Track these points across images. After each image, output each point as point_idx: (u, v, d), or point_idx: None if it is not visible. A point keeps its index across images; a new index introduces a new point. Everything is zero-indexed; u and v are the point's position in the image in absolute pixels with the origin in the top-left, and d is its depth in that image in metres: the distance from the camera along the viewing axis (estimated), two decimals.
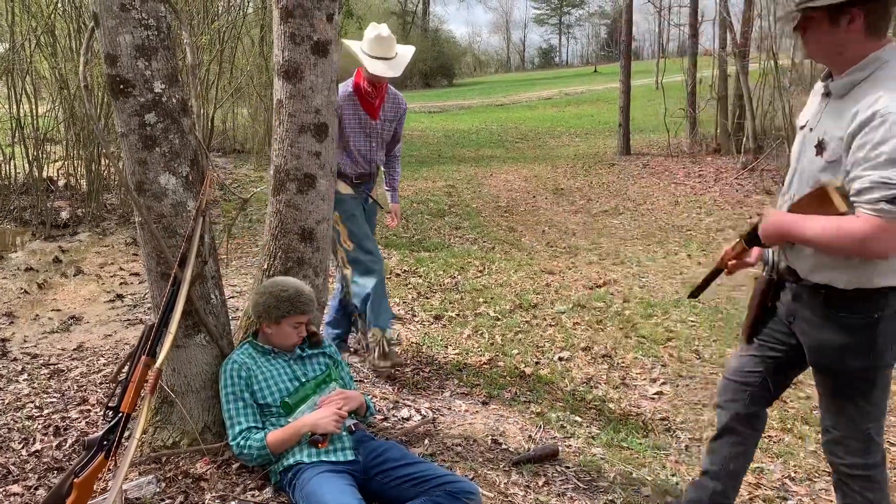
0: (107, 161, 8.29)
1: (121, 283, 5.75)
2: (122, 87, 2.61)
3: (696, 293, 2.68)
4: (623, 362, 4.35)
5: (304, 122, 3.01)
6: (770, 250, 2.33)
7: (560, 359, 4.35)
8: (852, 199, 1.88)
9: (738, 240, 2.38)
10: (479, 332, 4.75)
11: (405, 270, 6.23)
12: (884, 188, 1.78)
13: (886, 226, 1.80)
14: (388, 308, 3.98)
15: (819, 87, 2.16)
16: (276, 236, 3.11)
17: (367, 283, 3.89)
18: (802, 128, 2.20)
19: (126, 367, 2.67)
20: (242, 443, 2.62)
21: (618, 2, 64.30)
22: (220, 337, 2.92)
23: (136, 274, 5.98)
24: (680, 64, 15.43)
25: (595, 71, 49.31)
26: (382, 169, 4.26)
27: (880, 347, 2.04)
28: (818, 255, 2.06)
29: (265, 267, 3.13)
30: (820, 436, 3.44)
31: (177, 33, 2.77)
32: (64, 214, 7.56)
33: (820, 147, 2.02)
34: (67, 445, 3.08)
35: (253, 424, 2.66)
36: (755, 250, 2.40)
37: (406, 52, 3.95)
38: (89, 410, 3.42)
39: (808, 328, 2.15)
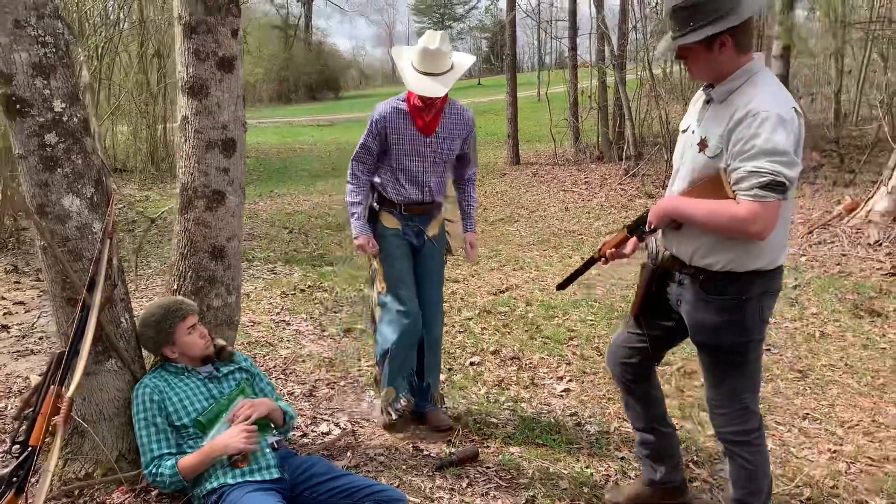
0: None
1: (4, 314, 5.41)
2: (18, 106, 2.50)
3: (564, 284, 2.95)
4: (531, 363, 4.51)
5: (212, 139, 2.97)
6: (653, 240, 2.56)
7: (471, 364, 4.46)
8: (733, 187, 2.16)
9: (620, 229, 2.64)
10: None
11: (310, 286, 6.19)
12: (756, 176, 2.07)
13: (760, 209, 2.07)
14: (407, 369, 3.51)
15: (700, 95, 2.45)
16: (186, 255, 3.04)
17: (389, 338, 3.41)
18: (685, 131, 2.48)
19: (33, 399, 2.56)
20: (154, 470, 2.55)
21: (496, 16, 66.04)
22: (133, 362, 2.83)
23: (21, 303, 5.64)
24: (561, 76, 16.05)
25: (479, 84, 50.29)
26: (449, 200, 3.67)
27: (749, 325, 2.33)
28: (698, 241, 2.32)
29: (175, 287, 3.06)
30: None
31: (72, 50, 2.68)
32: None
33: (702, 144, 2.30)
34: None
35: (166, 451, 2.59)
36: (631, 243, 2.62)
37: (461, 63, 3.45)
38: None
39: (690, 310, 2.41)
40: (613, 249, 2.65)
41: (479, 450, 3.30)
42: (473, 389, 4.08)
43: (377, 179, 3.52)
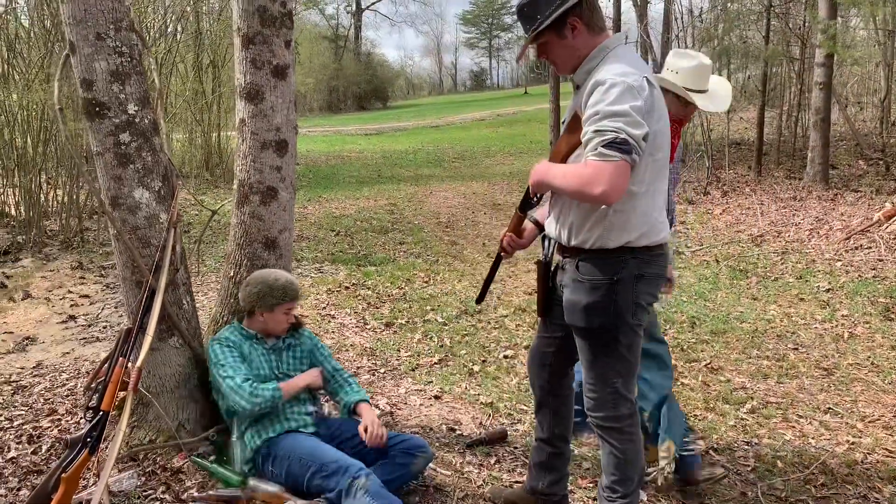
0: (48, 186, 8.30)
1: (71, 305, 5.82)
2: (97, 109, 2.82)
3: (480, 298, 2.95)
4: None
5: (266, 140, 3.26)
6: (547, 242, 2.57)
7: (505, 357, 4.67)
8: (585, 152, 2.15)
9: (515, 212, 2.66)
10: (429, 336, 5.04)
11: (354, 283, 6.48)
12: (599, 136, 2.06)
13: (604, 168, 2.04)
14: (681, 415, 3.12)
15: (571, 85, 2.52)
16: (242, 245, 3.34)
17: (664, 383, 3.10)
18: (563, 122, 2.52)
19: (104, 369, 2.87)
20: (253, 389, 2.82)
21: None
22: (192, 339, 3.13)
23: (87, 296, 6.05)
24: None
25: (525, 92, 50.53)
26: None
27: (621, 308, 2.29)
28: (569, 220, 2.34)
29: (231, 275, 3.35)
30: (738, 412, 3.86)
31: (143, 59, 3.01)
32: (2, 242, 7.53)
33: (564, 123, 2.42)
34: (43, 451, 3.22)
35: (251, 377, 2.90)
36: (528, 229, 2.68)
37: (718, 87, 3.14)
38: (59, 419, 3.55)
39: (567, 292, 2.40)
40: (511, 235, 2.65)
41: (508, 431, 3.51)
42: (506, 379, 4.29)
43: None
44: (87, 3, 2.74)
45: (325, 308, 5.74)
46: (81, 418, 3.42)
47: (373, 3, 57.02)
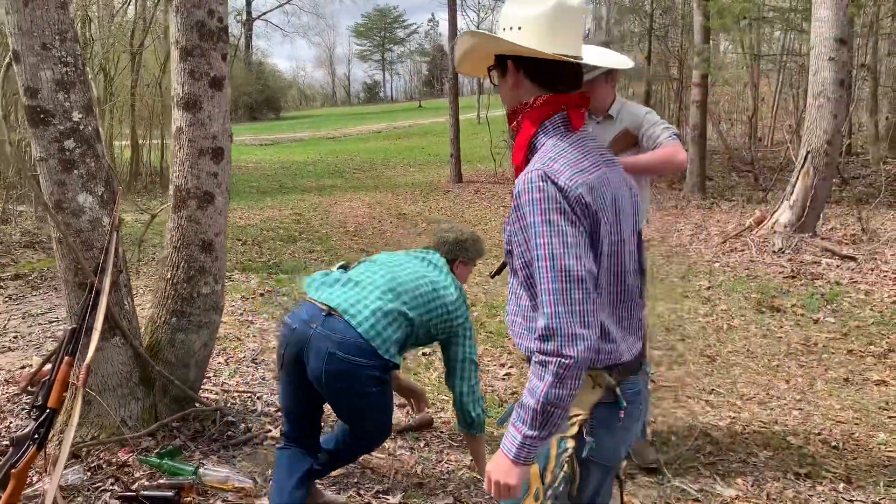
0: None
1: None
2: (42, 116, 2.92)
3: (497, 272, 2.99)
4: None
5: (203, 147, 3.43)
6: None
7: (423, 354, 4.96)
8: None
9: None
10: None
11: (268, 290, 6.60)
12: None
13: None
14: None
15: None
16: (178, 248, 3.48)
17: None
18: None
19: (46, 369, 2.96)
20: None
21: (436, 40, 67.29)
22: (134, 338, 3.25)
23: None
24: (499, 99, 16.78)
25: (420, 106, 51.18)
26: None
27: None
28: None
29: (168, 276, 3.48)
30: None
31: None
32: None
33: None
34: None
35: None
36: None
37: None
38: None
39: None
40: None
41: (434, 419, 3.80)
42: (426, 374, 4.58)
43: None
44: (34, 14, 2.85)
45: (242, 314, 5.84)
46: (28, 416, 3.44)
47: (264, 13, 56.33)
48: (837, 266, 7.07)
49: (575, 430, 1.68)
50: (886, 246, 7.68)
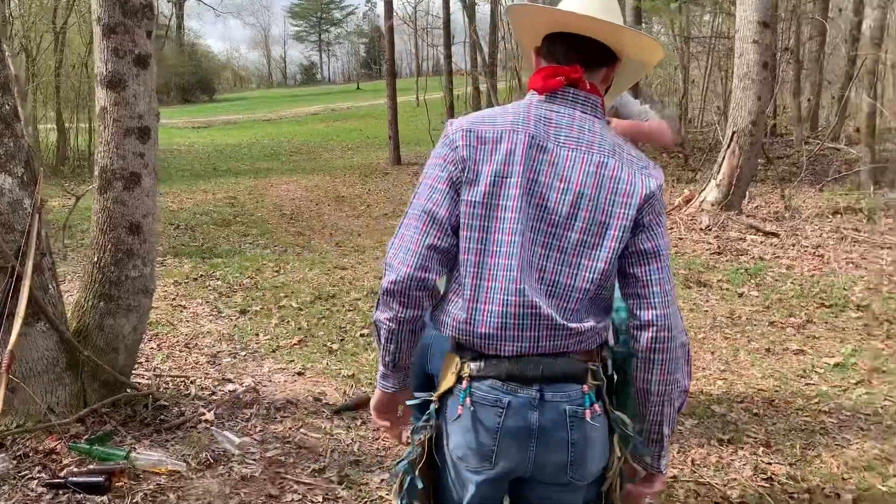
0: None
1: None
2: None
3: None
4: None
5: (129, 127, 3.34)
6: None
7: (361, 335, 4.97)
8: None
9: None
10: (286, 321, 5.23)
11: (202, 275, 6.49)
12: None
13: None
14: None
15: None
16: (105, 231, 3.39)
17: None
18: None
19: None
20: None
21: (374, 22, 66.60)
22: (60, 323, 3.17)
23: None
24: (437, 82, 16.84)
25: (358, 88, 50.65)
26: None
27: None
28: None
29: (95, 259, 3.40)
30: None
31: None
32: None
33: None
34: None
35: None
36: None
37: None
38: None
39: None
40: None
41: (370, 397, 3.83)
42: (364, 355, 4.59)
43: None
44: None
45: (174, 299, 5.74)
46: None
47: None
48: (761, 242, 7.36)
49: (431, 408, 1.61)
50: (807, 223, 8.03)
